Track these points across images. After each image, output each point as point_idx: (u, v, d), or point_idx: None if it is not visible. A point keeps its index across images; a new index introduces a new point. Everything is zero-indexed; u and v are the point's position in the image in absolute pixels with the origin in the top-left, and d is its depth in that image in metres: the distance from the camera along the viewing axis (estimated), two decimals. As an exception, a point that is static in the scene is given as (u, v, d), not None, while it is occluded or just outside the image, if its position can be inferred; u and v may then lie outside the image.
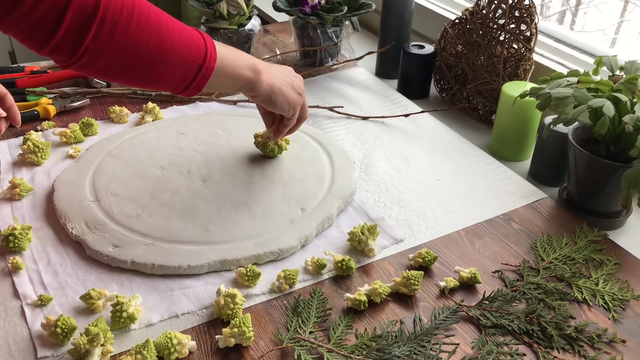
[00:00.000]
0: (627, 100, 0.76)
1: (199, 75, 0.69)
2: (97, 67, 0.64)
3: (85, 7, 0.59)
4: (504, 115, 0.97)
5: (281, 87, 0.80)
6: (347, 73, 1.25)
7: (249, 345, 0.65)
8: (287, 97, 0.81)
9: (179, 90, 0.71)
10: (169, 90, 0.71)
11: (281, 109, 0.82)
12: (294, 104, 0.82)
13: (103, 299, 0.69)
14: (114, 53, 0.63)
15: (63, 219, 0.81)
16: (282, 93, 0.80)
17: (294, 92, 0.82)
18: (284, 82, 0.81)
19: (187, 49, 0.68)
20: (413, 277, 0.71)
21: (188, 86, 0.70)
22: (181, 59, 0.67)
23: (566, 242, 0.80)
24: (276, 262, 0.77)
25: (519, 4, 1.01)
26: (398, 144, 1.01)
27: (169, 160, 0.93)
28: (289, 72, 0.84)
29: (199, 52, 0.69)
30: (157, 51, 0.65)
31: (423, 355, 0.63)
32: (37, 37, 0.60)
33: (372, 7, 1.20)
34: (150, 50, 0.65)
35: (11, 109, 0.77)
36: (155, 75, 0.68)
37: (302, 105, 0.85)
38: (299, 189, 0.87)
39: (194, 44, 0.68)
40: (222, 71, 0.72)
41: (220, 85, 0.75)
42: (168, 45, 0.66)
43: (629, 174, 0.71)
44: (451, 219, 0.84)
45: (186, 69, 0.68)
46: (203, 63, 0.69)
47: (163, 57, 0.66)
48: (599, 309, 0.70)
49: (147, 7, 0.65)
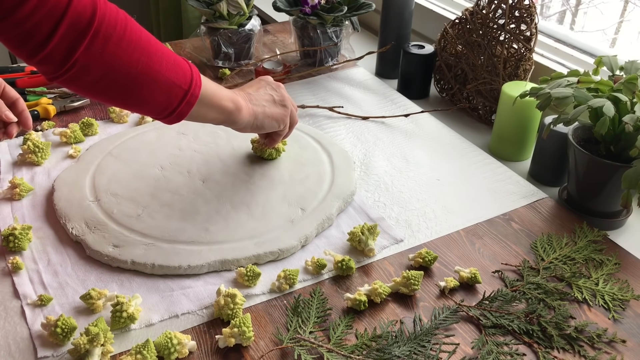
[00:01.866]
0: (627, 100, 0.76)
1: (184, 100, 0.68)
2: (84, 82, 0.63)
3: (81, 17, 0.59)
4: (504, 115, 0.97)
5: (264, 110, 0.80)
6: (347, 73, 1.25)
7: (249, 345, 0.65)
8: (273, 116, 0.81)
9: (162, 115, 0.69)
10: (152, 114, 0.69)
11: (271, 129, 0.83)
12: (280, 119, 0.82)
13: (103, 299, 0.69)
14: (103, 68, 0.62)
15: (63, 219, 0.81)
16: (267, 115, 0.80)
17: (277, 108, 0.82)
18: (266, 103, 0.81)
19: (175, 72, 0.67)
20: (413, 277, 0.71)
21: (172, 112, 0.68)
22: (168, 82, 0.66)
23: (566, 242, 0.80)
24: (276, 262, 0.77)
25: (519, 4, 1.01)
26: (398, 144, 1.01)
27: (169, 160, 0.93)
28: (267, 86, 0.83)
29: (185, 77, 0.68)
30: (145, 71, 0.64)
31: (423, 355, 0.63)
32: (29, 44, 0.58)
33: (372, 7, 1.20)
34: (139, 69, 0.64)
35: (23, 114, 0.78)
36: (141, 96, 0.66)
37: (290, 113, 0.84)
38: (299, 189, 0.87)
39: (180, 69, 0.68)
40: (206, 100, 0.71)
41: (202, 116, 0.73)
42: (157, 66, 0.65)
43: (629, 174, 0.71)
44: (451, 219, 0.84)
45: (172, 93, 0.67)
46: (189, 89, 0.68)
47: (151, 77, 0.65)
48: (599, 309, 0.70)
49: (138, 27, 0.65)
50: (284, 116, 0.82)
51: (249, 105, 0.78)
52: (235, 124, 0.77)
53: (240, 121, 0.77)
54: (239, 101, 0.76)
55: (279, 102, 0.82)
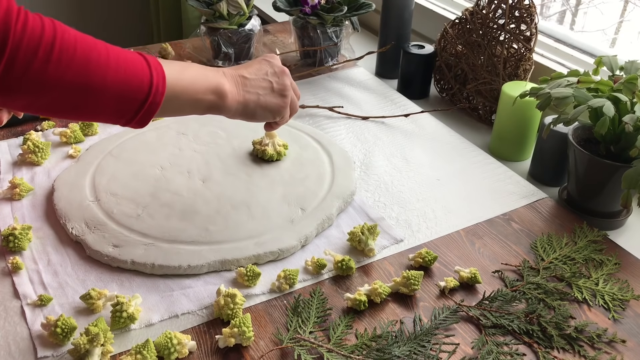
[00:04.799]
0: (627, 100, 0.76)
1: (141, 110, 0.63)
2: (16, 105, 0.58)
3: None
4: (504, 115, 0.97)
5: (257, 99, 0.73)
6: (347, 73, 1.25)
7: (249, 345, 0.65)
8: (268, 107, 0.74)
9: (120, 123, 0.64)
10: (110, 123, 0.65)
11: (264, 120, 0.76)
12: (276, 111, 0.75)
13: (103, 299, 0.69)
14: (30, 93, 0.57)
15: (63, 219, 0.81)
16: (260, 105, 0.73)
17: (274, 98, 0.74)
18: (262, 91, 0.73)
19: (125, 84, 0.61)
20: (413, 277, 0.71)
21: (130, 120, 0.64)
22: (116, 96, 0.61)
23: (566, 242, 0.80)
24: (276, 262, 0.77)
25: (519, 4, 1.01)
26: (398, 144, 1.01)
27: (169, 160, 0.93)
28: (269, 69, 0.75)
29: (140, 87, 0.62)
30: (82, 91, 0.58)
31: (423, 355, 0.63)
32: None
33: (372, 7, 1.20)
34: (75, 89, 0.58)
35: None
36: (86, 113, 0.61)
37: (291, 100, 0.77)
38: (299, 189, 0.87)
39: (134, 78, 0.61)
40: (176, 100, 0.66)
41: (177, 111, 0.68)
42: (97, 83, 0.59)
43: (629, 174, 0.71)
44: (451, 219, 0.84)
45: (123, 106, 0.62)
46: (146, 98, 0.62)
47: (91, 95, 0.59)
48: (599, 309, 0.70)
49: (74, 42, 0.58)
50: (281, 107, 0.75)
51: (240, 92, 0.72)
52: (221, 113, 0.72)
53: (225, 110, 0.71)
54: (223, 89, 0.70)
55: (278, 91, 0.75)
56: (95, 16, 2.45)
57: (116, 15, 2.48)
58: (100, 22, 2.46)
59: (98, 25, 2.46)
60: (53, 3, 2.33)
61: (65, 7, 2.37)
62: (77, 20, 2.42)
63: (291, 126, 1.03)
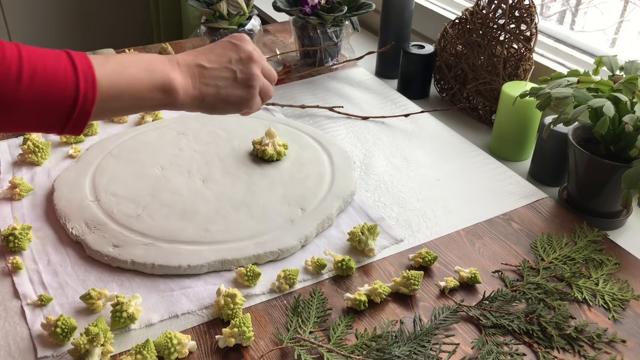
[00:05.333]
0: (627, 100, 0.76)
1: (69, 121, 0.58)
2: None
3: None
4: (504, 115, 0.97)
5: (217, 92, 0.67)
6: (347, 73, 1.25)
7: (249, 345, 0.65)
8: (229, 99, 0.68)
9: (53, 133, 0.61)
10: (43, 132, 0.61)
11: (227, 113, 0.70)
12: (240, 103, 0.69)
13: (103, 299, 0.69)
14: None
15: (63, 219, 0.81)
16: (220, 98, 0.67)
17: (237, 89, 0.68)
18: (222, 82, 0.67)
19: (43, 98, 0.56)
20: (413, 277, 0.71)
21: (61, 130, 0.60)
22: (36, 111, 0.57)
23: (566, 242, 0.80)
24: (276, 262, 0.77)
25: (519, 4, 1.01)
26: (398, 144, 1.01)
27: (169, 160, 0.93)
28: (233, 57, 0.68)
29: (63, 98, 0.57)
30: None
31: (423, 355, 0.63)
32: None
33: (372, 7, 1.20)
34: None
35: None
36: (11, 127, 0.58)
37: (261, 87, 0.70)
38: (299, 189, 0.87)
39: (55, 89, 0.56)
40: (116, 101, 0.61)
41: (120, 112, 0.64)
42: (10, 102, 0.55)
43: (629, 174, 0.71)
44: (451, 219, 0.84)
45: (47, 119, 0.58)
46: (72, 108, 0.58)
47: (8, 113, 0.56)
48: (599, 309, 0.70)
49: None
50: (246, 100, 0.69)
51: (196, 84, 0.66)
52: (173, 109, 0.67)
53: (177, 106, 0.65)
54: (172, 85, 0.64)
55: (242, 82, 0.68)
56: (96, 16, 2.45)
57: (116, 15, 2.48)
58: (101, 22, 2.46)
59: (98, 26, 2.47)
60: (53, 3, 2.33)
61: (65, 7, 2.37)
62: (78, 20, 2.42)
63: (291, 126, 1.03)
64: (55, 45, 2.38)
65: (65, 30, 2.41)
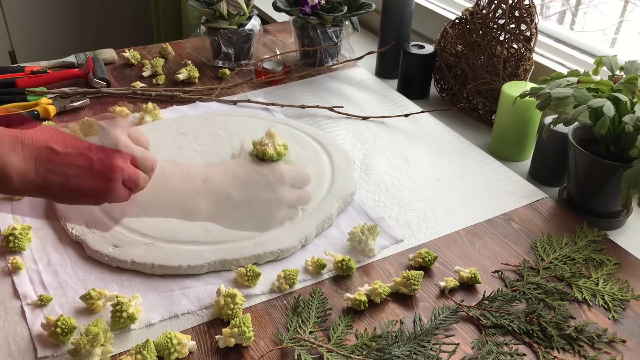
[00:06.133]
0: (627, 100, 0.76)
1: None
2: None
3: None
4: (504, 115, 0.97)
5: (66, 182, 0.57)
6: (347, 73, 1.25)
7: (249, 345, 0.65)
8: (80, 191, 0.58)
9: None
10: None
11: (77, 204, 0.61)
12: (95, 196, 0.60)
13: (103, 299, 0.69)
14: None
15: (63, 219, 0.81)
16: (69, 188, 0.57)
17: (93, 180, 0.58)
18: (73, 171, 0.57)
19: None
20: (413, 277, 0.71)
21: None
22: None
23: (566, 242, 0.80)
24: (276, 262, 0.77)
25: (519, 4, 1.01)
26: (398, 144, 1.01)
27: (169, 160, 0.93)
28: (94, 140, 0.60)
29: None
30: None
31: (423, 355, 0.63)
32: None
33: (372, 7, 1.20)
34: None
35: None
36: None
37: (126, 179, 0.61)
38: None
39: None
40: None
41: None
42: None
43: (629, 174, 0.71)
44: (451, 219, 0.84)
45: None
46: None
47: None
48: (599, 309, 0.70)
49: None
50: (102, 193, 0.59)
51: (39, 170, 0.56)
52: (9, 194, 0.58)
53: (12, 192, 0.56)
54: (5, 169, 0.54)
55: (99, 173, 0.58)
56: (96, 16, 2.45)
57: (116, 15, 2.48)
58: (101, 22, 2.46)
59: (98, 26, 2.46)
60: (53, 3, 2.33)
61: (65, 7, 2.37)
62: (78, 20, 2.42)
63: (291, 126, 1.03)
64: (55, 45, 2.38)
65: (65, 30, 2.41)
